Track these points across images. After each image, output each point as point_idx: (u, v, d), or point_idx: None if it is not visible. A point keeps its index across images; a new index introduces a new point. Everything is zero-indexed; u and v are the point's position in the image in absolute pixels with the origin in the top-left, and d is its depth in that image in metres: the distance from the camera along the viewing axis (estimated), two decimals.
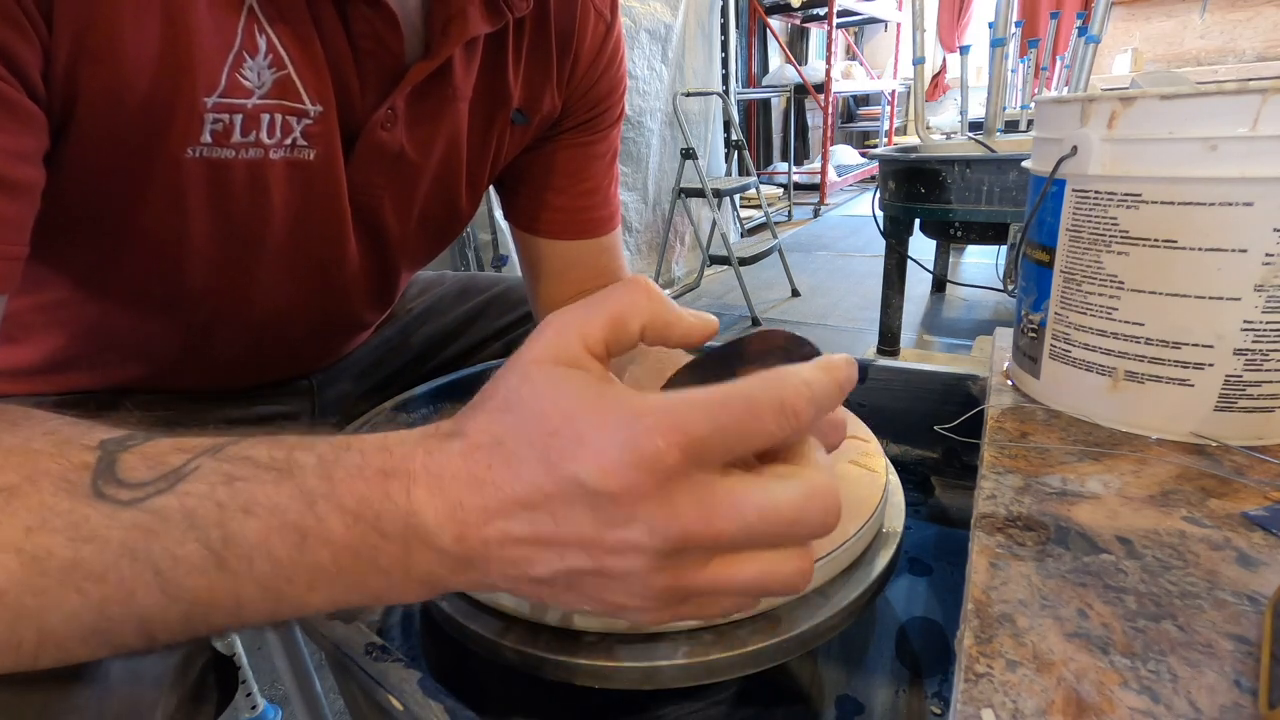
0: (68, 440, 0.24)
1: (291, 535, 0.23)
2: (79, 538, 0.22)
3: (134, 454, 0.24)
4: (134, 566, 0.22)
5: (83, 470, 0.23)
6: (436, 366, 0.67)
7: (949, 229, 1.57)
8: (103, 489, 0.23)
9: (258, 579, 0.23)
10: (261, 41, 0.35)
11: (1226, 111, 0.36)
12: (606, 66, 0.53)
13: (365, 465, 0.24)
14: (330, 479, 0.24)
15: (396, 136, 0.43)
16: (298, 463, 0.24)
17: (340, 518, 0.23)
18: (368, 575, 0.23)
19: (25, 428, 0.25)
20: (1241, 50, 4.54)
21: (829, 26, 4.00)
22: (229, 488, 0.23)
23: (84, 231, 0.38)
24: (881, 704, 0.40)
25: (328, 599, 0.24)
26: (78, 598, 0.22)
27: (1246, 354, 0.38)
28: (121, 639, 0.23)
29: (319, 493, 0.23)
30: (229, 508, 0.23)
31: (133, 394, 0.51)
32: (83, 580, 0.22)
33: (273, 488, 0.23)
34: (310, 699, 0.71)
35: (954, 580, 0.48)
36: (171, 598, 0.23)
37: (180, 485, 0.23)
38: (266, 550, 0.23)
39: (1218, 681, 0.24)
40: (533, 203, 0.56)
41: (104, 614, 0.23)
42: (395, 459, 0.24)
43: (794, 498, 0.21)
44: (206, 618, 0.23)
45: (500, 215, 1.81)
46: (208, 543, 0.22)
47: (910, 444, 0.59)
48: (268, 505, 0.23)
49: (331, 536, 0.23)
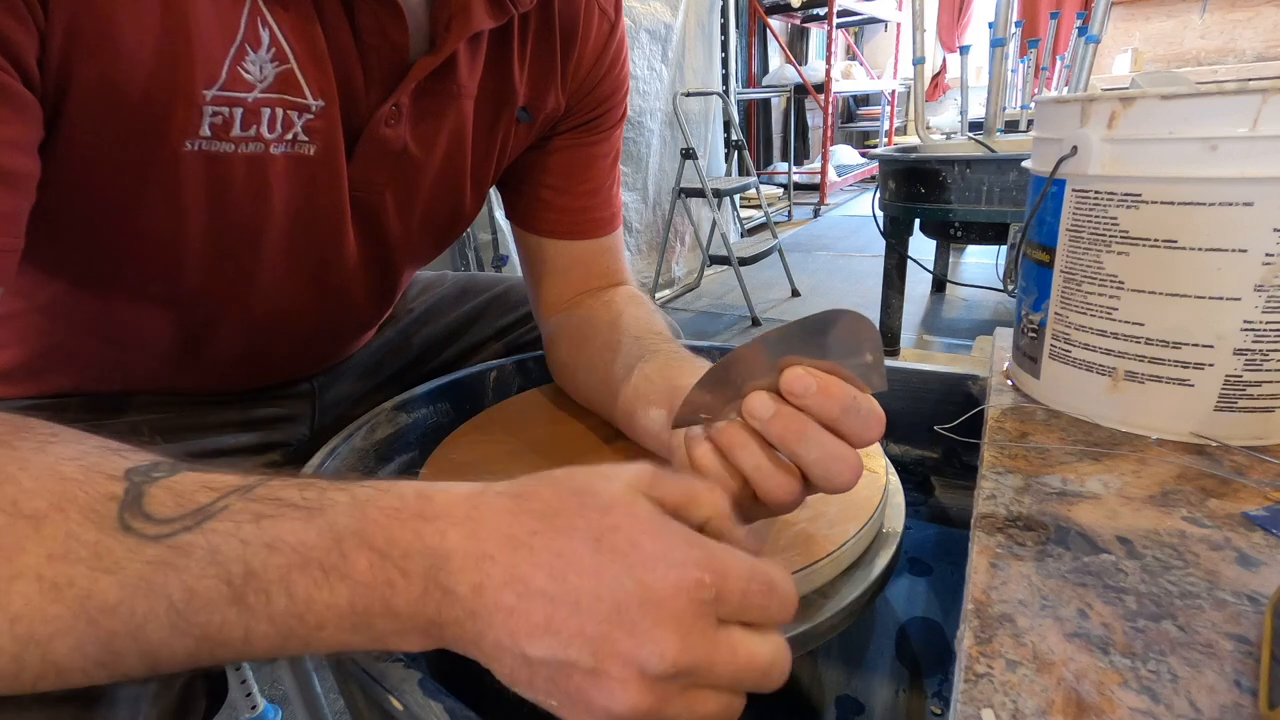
0: (95, 467, 0.24)
1: (314, 571, 0.23)
2: (100, 569, 0.22)
3: (161, 488, 0.24)
4: (149, 600, 0.22)
5: (110, 501, 0.23)
6: (437, 367, 0.67)
7: (949, 229, 1.57)
8: (129, 522, 0.23)
9: (272, 615, 0.23)
10: (265, 34, 0.35)
11: (1226, 111, 0.36)
12: (610, 66, 0.53)
13: (403, 509, 0.24)
14: (363, 517, 0.24)
15: (400, 133, 0.43)
16: (330, 501, 0.24)
17: (366, 555, 0.23)
18: (377, 617, 0.24)
19: (54, 449, 0.25)
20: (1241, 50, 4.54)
21: (829, 26, 4.00)
22: (256, 525, 0.23)
23: (80, 226, 0.38)
24: (881, 704, 0.40)
25: (333, 639, 0.24)
26: (88, 628, 0.22)
27: (1246, 354, 0.38)
28: (124, 669, 0.23)
29: (348, 530, 0.24)
30: (253, 544, 0.23)
31: (133, 396, 0.51)
32: (96, 612, 0.22)
33: (301, 525, 0.24)
34: (310, 699, 0.71)
35: (954, 580, 0.48)
36: (181, 632, 0.23)
37: (207, 523, 0.23)
38: (286, 586, 0.23)
39: (1218, 681, 0.24)
40: (534, 202, 0.56)
41: (110, 646, 0.23)
42: (435, 506, 0.25)
43: (769, 656, 0.24)
44: (212, 652, 0.23)
45: (501, 215, 1.81)
46: (228, 578, 0.23)
47: (910, 444, 0.59)
48: (293, 541, 0.23)
49: (353, 573, 0.23)
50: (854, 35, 5.77)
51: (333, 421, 0.62)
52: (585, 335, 0.52)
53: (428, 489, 0.25)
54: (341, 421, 0.58)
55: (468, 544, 0.24)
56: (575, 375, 0.53)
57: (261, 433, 0.56)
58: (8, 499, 0.22)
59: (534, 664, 0.23)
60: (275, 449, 0.57)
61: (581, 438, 0.49)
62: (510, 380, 0.63)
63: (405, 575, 0.23)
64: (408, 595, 0.23)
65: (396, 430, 0.55)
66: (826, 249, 3.45)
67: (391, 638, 0.24)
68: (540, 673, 0.23)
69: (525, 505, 0.25)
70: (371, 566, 0.23)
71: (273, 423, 0.57)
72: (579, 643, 0.22)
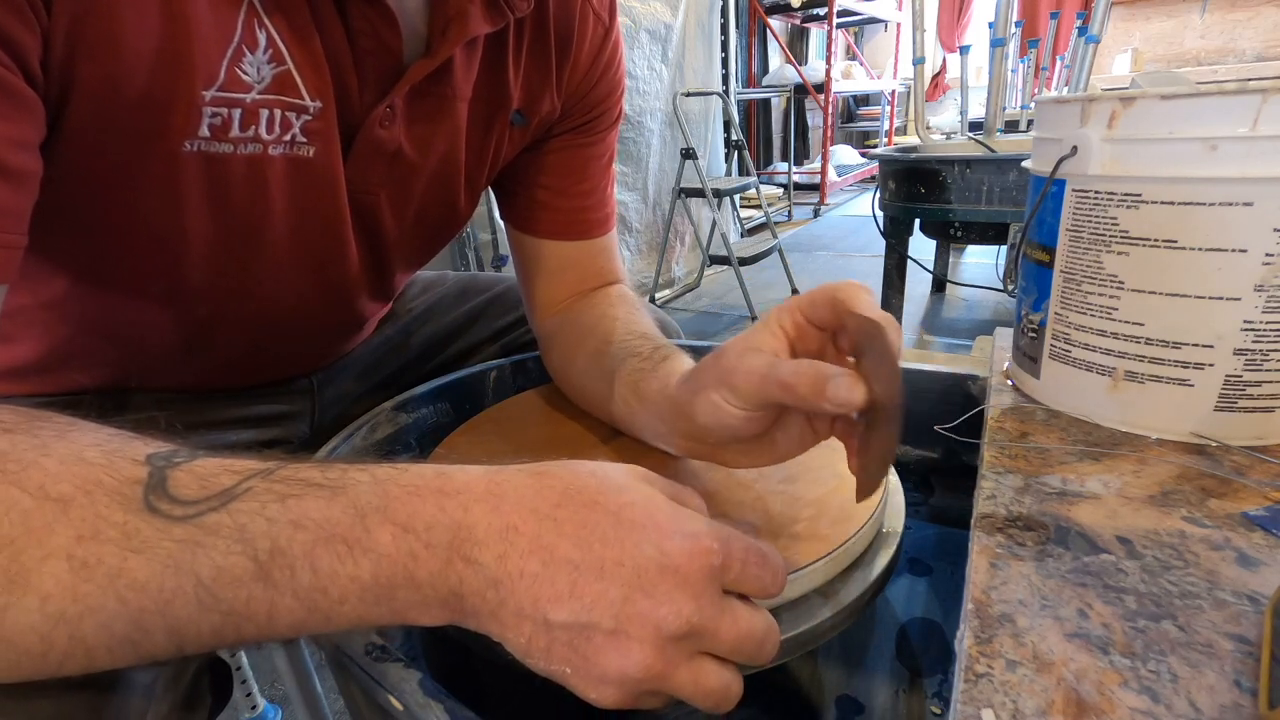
0: (117, 453, 0.25)
1: (338, 546, 0.24)
2: (129, 549, 0.23)
3: (184, 471, 0.25)
4: (177, 577, 0.23)
5: (135, 484, 0.24)
6: (437, 366, 0.67)
7: (949, 229, 1.57)
8: (155, 504, 0.23)
9: (296, 590, 0.24)
10: (261, 36, 0.35)
11: (1226, 111, 0.36)
12: (605, 69, 0.53)
13: (424, 486, 0.26)
14: (385, 494, 0.25)
15: (395, 135, 0.43)
16: (352, 480, 0.25)
17: (390, 530, 0.24)
18: (400, 589, 0.24)
19: (74, 436, 0.25)
20: (1241, 50, 4.54)
21: (829, 26, 4.00)
22: (281, 504, 0.24)
23: (82, 225, 0.38)
24: (881, 704, 0.40)
25: (355, 612, 0.25)
26: (117, 605, 0.22)
27: (1246, 354, 0.38)
28: (150, 649, 0.24)
29: (371, 506, 0.25)
30: (279, 521, 0.24)
31: (134, 393, 0.51)
32: (125, 589, 0.22)
33: (325, 502, 0.24)
34: (310, 699, 0.71)
35: (954, 580, 0.48)
36: (207, 608, 0.23)
37: (233, 504, 0.24)
38: (310, 561, 0.24)
39: (1218, 681, 0.24)
40: (529, 203, 0.56)
41: (138, 623, 0.23)
42: (455, 483, 0.26)
43: (763, 628, 0.26)
44: (238, 628, 0.24)
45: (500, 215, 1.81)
46: (254, 555, 0.23)
47: (910, 444, 0.59)
48: (318, 518, 0.24)
49: (376, 547, 0.24)
50: (854, 35, 5.77)
51: (333, 419, 0.62)
52: (576, 341, 0.52)
53: (445, 469, 0.27)
54: (342, 419, 0.58)
55: (491, 517, 0.25)
56: (570, 380, 0.53)
57: (262, 429, 0.56)
58: (34, 483, 0.23)
59: (554, 629, 0.24)
60: (276, 446, 0.57)
61: (580, 437, 0.49)
62: (510, 380, 0.64)
63: (428, 547, 0.24)
64: (430, 567, 0.24)
65: (397, 430, 0.55)
66: (826, 249, 3.45)
67: (412, 610, 0.25)
68: (560, 638, 0.24)
69: (546, 482, 0.26)
70: (395, 539, 0.24)
71: (273, 419, 0.57)
72: (602, 605, 0.24)
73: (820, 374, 0.30)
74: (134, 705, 0.29)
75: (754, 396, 0.33)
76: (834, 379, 0.29)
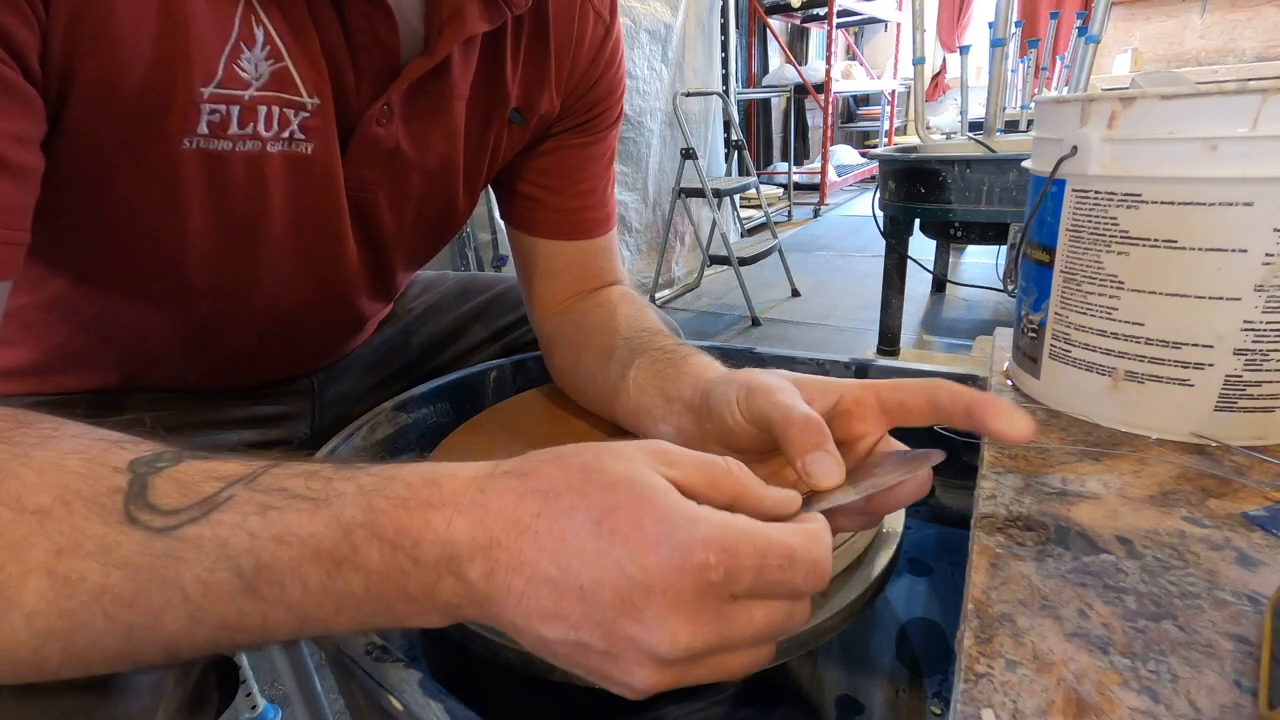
0: (98, 460, 0.24)
1: (326, 563, 0.23)
2: (110, 563, 0.22)
3: (165, 478, 0.24)
4: (163, 592, 0.22)
5: (114, 494, 0.23)
6: (437, 366, 0.67)
7: (949, 229, 1.56)
8: (135, 514, 0.23)
9: (288, 604, 0.23)
10: (259, 33, 0.35)
11: (1226, 111, 0.36)
12: (605, 68, 0.53)
13: (410, 497, 0.24)
14: (371, 509, 0.24)
15: (392, 132, 0.43)
16: (336, 491, 0.24)
17: (377, 547, 0.23)
18: (395, 602, 0.24)
19: (56, 443, 0.25)
20: (1241, 50, 4.54)
21: (829, 26, 4.00)
22: (262, 517, 0.23)
23: (82, 223, 0.38)
24: (881, 704, 0.40)
25: (354, 621, 0.24)
26: (105, 622, 0.22)
27: (1246, 354, 0.38)
28: (145, 659, 0.24)
29: (356, 522, 0.24)
30: (261, 537, 0.23)
31: (134, 394, 0.51)
32: (111, 605, 0.22)
33: (308, 517, 0.24)
34: (310, 699, 0.71)
35: (954, 580, 0.48)
36: (199, 622, 0.23)
37: (213, 514, 0.23)
38: (299, 577, 0.23)
39: (1218, 681, 0.24)
40: (529, 203, 0.56)
41: (130, 637, 0.23)
42: (443, 493, 0.25)
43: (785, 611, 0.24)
44: (233, 639, 0.24)
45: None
46: (238, 571, 0.23)
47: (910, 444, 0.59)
48: (302, 534, 0.23)
49: (365, 564, 0.23)
50: (854, 35, 5.77)
51: (333, 419, 0.62)
52: (580, 340, 0.52)
53: (435, 474, 0.25)
54: (342, 419, 0.58)
55: (475, 531, 0.24)
56: (575, 382, 0.53)
57: (262, 429, 0.56)
58: (11, 495, 0.22)
59: (551, 643, 0.23)
60: (277, 446, 0.57)
61: (582, 437, 0.49)
62: (510, 380, 0.64)
63: (417, 564, 0.24)
64: (422, 582, 0.24)
65: (397, 430, 0.55)
66: (826, 249, 3.45)
67: (413, 618, 0.25)
68: (559, 650, 0.24)
69: (529, 485, 0.24)
70: (383, 557, 0.23)
71: (274, 420, 0.57)
72: (589, 627, 0.23)
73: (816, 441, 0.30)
74: (143, 704, 0.29)
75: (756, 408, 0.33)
76: (821, 457, 0.29)
